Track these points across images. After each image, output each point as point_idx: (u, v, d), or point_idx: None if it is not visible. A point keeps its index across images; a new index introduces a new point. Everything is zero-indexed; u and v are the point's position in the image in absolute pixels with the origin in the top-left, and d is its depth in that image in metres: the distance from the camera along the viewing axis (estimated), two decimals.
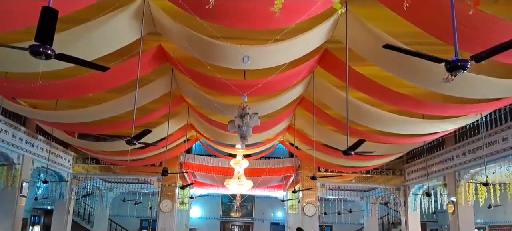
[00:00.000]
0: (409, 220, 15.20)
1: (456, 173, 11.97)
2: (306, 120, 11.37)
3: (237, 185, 14.97)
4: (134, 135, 6.39)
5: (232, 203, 23.12)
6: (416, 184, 14.70)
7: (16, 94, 8.73)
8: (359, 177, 15.75)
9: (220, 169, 16.42)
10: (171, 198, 15.37)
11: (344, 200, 19.99)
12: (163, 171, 10.10)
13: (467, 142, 11.48)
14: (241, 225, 24.40)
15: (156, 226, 15.74)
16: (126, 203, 19.73)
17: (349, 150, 5.88)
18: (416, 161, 14.69)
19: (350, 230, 22.72)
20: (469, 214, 11.82)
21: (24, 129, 11.73)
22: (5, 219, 11.46)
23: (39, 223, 20.78)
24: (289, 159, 17.08)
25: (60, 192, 14.73)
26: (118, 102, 9.04)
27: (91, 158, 15.20)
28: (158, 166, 15.12)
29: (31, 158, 12.18)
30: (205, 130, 12.87)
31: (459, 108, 8.27)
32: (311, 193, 15.53)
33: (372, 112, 8.65)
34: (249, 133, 9.19)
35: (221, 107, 8.88)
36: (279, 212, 23.77)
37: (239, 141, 11.69)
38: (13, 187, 11.39)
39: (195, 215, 23.02)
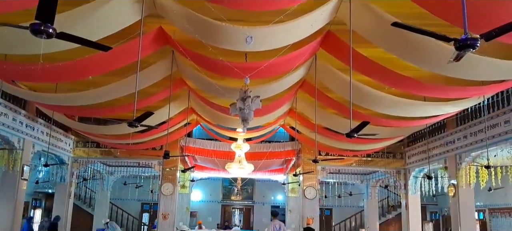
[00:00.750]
0: (409, 203, 15.28)
1: (457, 156, 11.97)
2: (308, 103, 11.32)
3: (238, 169, 15.01)
4: (136, 117, 6.33)
5: (233, 186, 23.24)
6: (417, 167, 14.74)
7: (15, 77, 8.65)
8: (359, 160, 15.78)
9: (221, 152, 16.44)
10: (172, 182, 15.40)
11: (344, 184, 20.10)
12: (165, 154, 10.07)
13: (469, 125, 11.45)
14: (241, 208, 24.57)
15: (157, 209, 15.81)
16: (127, 186, 19.81)
17: (352, 132, 5.84)
18: (417, 144, 14.70)
19: (350, 213, 22.91)
20: (469, 197, 11.87)
21: (24, 112, 11.67)
22: (6, 202, 11.49)
23: (40, 206, 20.89)
24: (290, 143, 17.08)
25: (61, 176, 14.75)
26: (118, 85, 8.98)
27: (91, 141, 15.20)
28: (158, 150, 15.11)
29: (32, 141, 12.15)
30: (206, 113, 12.82)
31: (462, 90, 8.23)
32: (312, 177, 15.57)
33: (374, 95, 8.60)
34: (251, 116, 9.15)
35: (223, 90, 8.81)
36: (279, 196, 23.92)
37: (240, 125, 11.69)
38: (14, 171, 11.38)
39: (196, 199, 23.18)
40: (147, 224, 22.87)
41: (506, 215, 15.61)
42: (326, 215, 23.06)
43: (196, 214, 22.41)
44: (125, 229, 21.72)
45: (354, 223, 22.95)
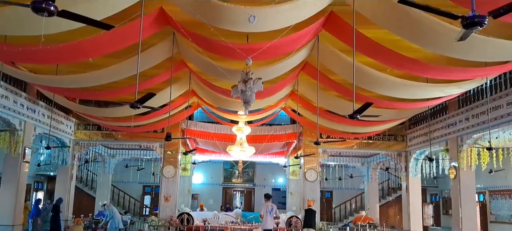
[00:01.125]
0: (410, 185, 15.35)
1: (459, 138, 11.97)
2: (309, 86, 11.27)
3: (239, 151, 15.03)
4: (137, 99, 6.30)
5: (234, 169, 23.33)
6: (418, 150, 14.76)
7: (15, 59, 8.60)
8: (360, 143, 15.79)
9: (222, 135, 16.45)
10: (173, 164, 15.45)
11: (345, 166, 20.17)
12: (167, 136, 10.06)
13: (471, 107, 11.42)
14: (242, 190, 24.70)
15: (158, 192, 15.89)
16: (128, 169, 19.88)
17: (355, 114, 5.80)
18: (418, 126, 14.69)
19: (350, 196, 23.04)
20: (470, 179, 11.90)
21: (25, 94, 11.64)
22: (9, 184, 11.55)
23: (42, 189, 21.00)
24: (291, 126, 17.08)
25: (63, 158, 14.78)
26: (118, 67, 8.94)
27: (92, 124, 15.19)
28: (160, 132, 15.15)
29: (33, 124, 12.15)
30: (207, 95, 12.78)
31: (466, 72, 8.19)
32: (313, 159, 15.61)
33: (377, 77, 8.55)
34: (253, 98, 9.12)
35: (224, 72, 8.75)
36: (280, 178, 24.03)
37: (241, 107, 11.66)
38: (15, 153, 11.39)
39: (197, 181, 23.29)
40: (149, 206, 23.02)
41: (506, 197, 15.69)
42: (326, 197, 23.19)
43: (197, 197, 22.53)
44: (127, 211, 21.86)
45: (354, 205, 23.09)
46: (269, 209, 11.08)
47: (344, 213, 22.99)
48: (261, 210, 11.41)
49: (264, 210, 11.11)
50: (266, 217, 11.10)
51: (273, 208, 11.16)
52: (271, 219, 11.12)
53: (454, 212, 12.25)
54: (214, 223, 15.06)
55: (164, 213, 15.03)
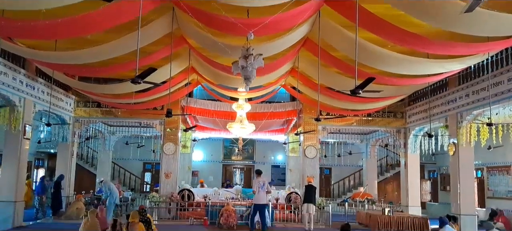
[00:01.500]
0: (409, 161, 15.45)
1: (459, 115, 12.00)
2: (310, 62, 11.21)
3: (240, 128, 15.06)
4: (138, 74, 6.27)
5: (234, 146, 23.43)
6: (417, 126, 14.81)
7: (14, 34, 8.51)
8: (360, 120, 15.83)
9: (222, 113, 16.46)
10: (173, 141, 15.50)
11: (344, 143, 20.26)
12: (167, 112, 10.06)
13: (471, 83, 11.41)
14: (242, 168, 24.87)
15: (159, 169, 15.98)
16: (129, 147, 19.94)
17: (357, 89, 5.78)
18: (418, 103, 14.71)
19: (348, 172, 23.23)
20: (469, 155, 11.98)
21: (24, 71, 11.56)
22: (10, 161, 11.58)
23: (43, 166, 21.10)
24: (291, 103, 17.08)
25: (63, 135, 14.80)
26: (118, 42, 8.88)
27: (92, 101, 15.17)
28: (160, 110, 15.15)
29: (33, 101, 12.11)
30: (207, 72, 12.71)
31: (468, 47, 8.14)
32: (313, 136, 15.66)
33: (379, 53, 8.50)
34: (253, 75, 9.07)
35: (225, 48, 8.68)
36: (279, 155, 24.18)
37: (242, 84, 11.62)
38: (16, 130, 11.39)
39: (198, 159, 23.42)
40: (149, 183, 23.20)
41: (504, 173, 15.83)
42: (325, 174, 23.40)
43: (197, 174, 22.71)
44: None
45: (353, 181, 23.30)
46: (261, 184, 11.24)
47: (343, 190, 23.22)
48: (253, 185, 11.58)
49: (256, 186, 11.30)
50: (258, 192, 11.27)
51: (265, 183, 11.35)
52: (264, 193, 11.29)
53: (453, 188, 12.37)
54: (214, 199, 15.20)
55: (164, 189, 15.15)
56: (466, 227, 11.42)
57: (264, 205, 11.40)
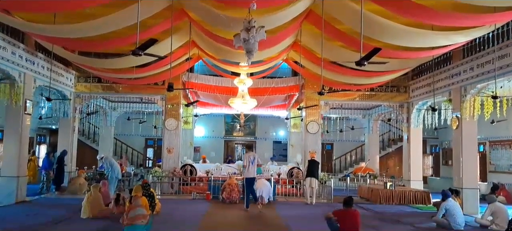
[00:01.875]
0: (411, 136, 15.40)
1: (462, 88, 11.87)
2: (313, 36, 11.04)
3: (241, 104, 14.98)
4: (139, 45, 6.15)
5: (235, 122, 23.41)
6: (420, 101, 14.70)
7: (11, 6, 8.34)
8: (362, 94, 15.70)
9: (224, 88, 16.35)
10: (175, 117, 15.46)
11: (346, 118, 20.21)
12: (169, 86, 9.95)
13: (476, 56, 11.25)
14: (244, 143, 24.88)
15: (161, 145, 15.99)
16: (131, 123, 19.91)
17: (363, 60, 5.67)
18: (421, 77, 14.56)
19: (350, 148, 23.26)
20: (472, 129, 11.90)
21: (23, 46, 11.42)
22: (11, 137, 11.57)
23: (45, 142, 21.14)
24: (293, 78, 16.95)
25: (64, 111, 14.75)
26: (117, 16, 8.72)
27: (93, 76, 15.05)
28: (161, 85, 15.04)
29: (33, 76, 12.00)
30: (208, 46, 12.55)
31: (474, 18, 8.00)
32: (315, 112, 15.59)
33: (384, 25, 8.32)
34: (255, 48, 8.94)
35: (226, 20, 8.52)
36: (281, 131, 24.18)
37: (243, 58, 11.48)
38: (16, 105, 11.33)
39: (199, 135, 23.46)
40: (151, 159, 23.29)
41: (506, 147, 15.80)
42: (327, 149, 23.43)
43: (199, 149, 22.76)
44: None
45: (355, 157, 23.36)
46: (251, 159, 11.32)
47: (344, 165, 23.31)
48: (244, 160, 11.67)
49: (247, 160, 11.39)
50: (249, 166, 11.34)
51: (255, 158, 11.45)
52: (254, 168, 11.40)
53: (455, 161, 12.35)
54: (216, 174, 15.26)
55: (167, 164, 15.19)
56: (468, 200, 11.44)
57: (254, 179, 11.57)
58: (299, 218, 10.03)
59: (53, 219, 8.81)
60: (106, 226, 8.19)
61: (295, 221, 9.56)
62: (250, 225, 9.07)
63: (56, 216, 9.19)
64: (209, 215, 10.14)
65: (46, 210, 10.08)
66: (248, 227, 8.77)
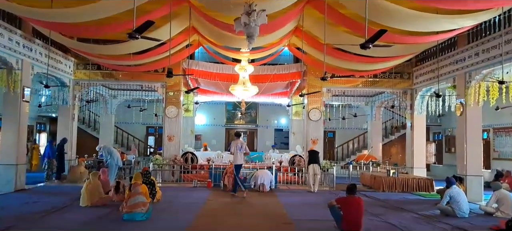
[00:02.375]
0: (415, 123, 15.22)
1: (467, 74, 11.65)
2: (315, 21, 10.83)
3: (242, 91, 14.80)
4: (136, 28, 5.96)
5: (236, 110, 23.27)
6: (424, 87, 14.49)
7: None
8: (366, 81, 15.48)
9: (225, 75, 16.14)
10: (176, 105, 15.30)
11: (348, 106, 20.03)
12: (168, 72, 9.77)
13: (482, 42, 11.01)
14: (245, 131, 24.76)
15: (162, 133, 15.85)
16: (131, 111, 19.77)
17: (367, 43, 5.48)
18: (425, 63, 14.33)
19: (352, 135, 23.10)
20: (477, 116, 11.71)
21: (20, 32, 11.21)
22: (10, 125, 11.41)
23: (45, 130, 21.03)
24: (295, 65, 16.73)
25: (63, 98, 14.58)
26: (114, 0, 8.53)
27: (92, 64, 14.86)
28: (161, 72, 14.85)
29: (30, 62, 11.81)
30: (208, 32, 12.35)
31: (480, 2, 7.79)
32: (317, 100, 15.42)
33: (389, 9, 8.12)
34: (256, 32, 8.76)
35: (227, 2, 8.32)
36: (282, 119, 24.04)
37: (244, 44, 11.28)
38: (14, 92, 11.16)
39: (200, 123, 23.34)
40: (153, 147, 23.20)
41: (511, 134, 15.63)
42: (329, 137, 23.29)
43: (200, 137, 22.65)
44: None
45: (357, 144, 23.22)
46: (239, 146, 11.46)
47: (347, 153, 23.18)
48: (232, 147, 11.71)
49: (234, 148, 11.48)
50: (236, 153, 11.45)
51: (243, 145, 11.59)
52: (241, 155, 11.51)
53: (459, 148, 12.19)
54: (218, 162, 15.15)
55: (168, 152, 15.08)
56: (472, 188, 11.29)
57: (241, 165, 11.69)
58: (301, 206, 9.91)
59: (52, 207, 8.69)
60: (106, 214, 8.07)
61: (296, 208, 9.44)
62: (250, 212, 8.95)
63: (55, 204, 9.07)
64: (209, 203, 10.02)
65: (45, 198, 9.97)
66: (248, 215, 8.65)
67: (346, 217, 6.78)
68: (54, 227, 6.83)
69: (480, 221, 8.29)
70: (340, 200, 7.04)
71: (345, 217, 6.78)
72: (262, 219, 8.13)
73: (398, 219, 8.27)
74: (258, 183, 12.39)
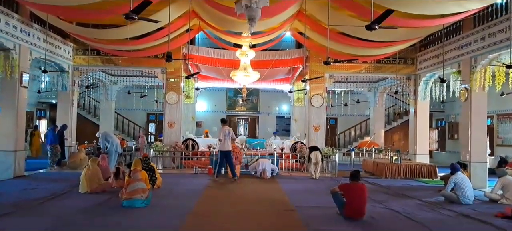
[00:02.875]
0: (418, 109, 15.03)
1: (473, 59, 11.43)
2: (319, 5, 10.60)
3: (243, 76, 14.60)
4: (132, 8, 5.77)
5: (238, 97, 23.11)
6: (428, 73, 14.27)
7: None
8: (369, 66, 15.25)
9: (226, 61, 15.91)
10: (176, 91, 15.13)
11: (350, 92, 19.84)
12: (167, 56, 9.59)
13: (488, 26, 10.77)
14: (246, 118, 24.65)
15: (162, 119, 15.71)
16: (132, 97, 19.61)
17: (373, 24, 5.28)
18: (429, 48, 14.10)
19: (354, 122, 22.94)
20: (482, 101, 11.53)
21: (18, 16, 11.00)
22: (8, 111, 11.26)
23: (45, 116, 20.92)
24: (297, 50, 16.49)
25: (62, 84, 14.41)
26: None
27: (91, 49, 14.66)
28: (161, 58, 14.65)
29: (28, 47, 11.62)
30: (209, 16, 12.13)
31: None
32: (319, 86, 15.22)
33: None
34: (258, 14, 8.57)
35: None
36: (284, 106, 23.90)
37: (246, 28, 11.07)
38: (12, 78, 11.00)
39: (201, 109, 23.20)
40: (154, 134, 23.09)
41: None
42: (331, 124, 23.15)
43: (201, 124, 22.54)
44: (132, 138, 21.98)
45: (359, 131, 23.08)
46: (226, 133, 11.52)
47: (349, 139, 23.05)
48: (219, 134, 11.77)
49: (222, 134, 11.53)
50: (224, 140, 11.49)
51: (230, 132, 11.68)
52: (229, 141, 11.58)
53: (463, 135, 12.03)
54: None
55: (168, 139, 14.95)
56: (476, 174, 11.15)
57: (229, 152, 11.69)
58: (303, 192, 9.78)
59: (51, 193, 8.58)
60: (105, 201, 7.95)
61: (298, 195, 9.32)
62: (251, 199, 8.83)
63: (54, 190, 8.95)
64: (210, 190, 9.91)
65: (44, 185, 9.86)
66: (249, 202, 8.53)
67: (350, 204, 6.65)
68: (52, 214, 6.71)
69: (485, 208, 8.15)
70: (344, 186, 6.91)
71: (349, 203, 6.66)
72: (263, 206, 8.00)
73: (401, 205, 8.14)
74: (260, 170, 12.28)
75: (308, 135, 15.24)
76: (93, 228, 6.01)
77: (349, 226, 6.33)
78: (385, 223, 6.68)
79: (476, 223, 6.83)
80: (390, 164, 13.27)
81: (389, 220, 6.90)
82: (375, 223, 6.58)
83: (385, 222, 6.71)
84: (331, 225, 6.41)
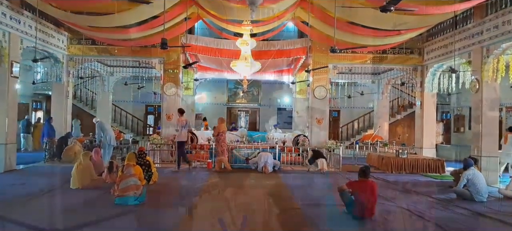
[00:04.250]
0: (425, 101, 14.52)
1: (484, 49, 10.89)
2: None
3: (244, 66, 14.07)
4: None
5: (238, 89, 22.59)
6: (436, 63, 13.72)
7: None
8: (374, 57, 14.72)
9: (226, 51, 15.35)
10: (174, 82, 14.61)
11: (354, 84, 19.32)
12: (162, 44, 9.06)
13: (502, 13, 10.21)
14: (247, 110, 24.16)
15: (160, 111, 15.23)
16: (130, 88, 19.09)
17: (389, 5, 4.77)
18: (437, 38, 13.55)
19: (357, 115, 22.44)
20: (494, 93, 10.99)
21: (7, 3, 10.46)
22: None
23: (41, 108, 20.44)
24: (299, 40, 15.92)
25: (57, 75, 13.90)
26: None
27: (86, 38, 14.11)
28: (158, 47, 14.10)
29: (19, 36, 11.08)
30: (208, 3, 11.58)
31: None
32: (322, 78, 14.71)
33: None
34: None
35: None
36: (286, 98, 23.37)
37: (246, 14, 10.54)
38: (2, 67, 10.48)
39: (201, 101, 22.72)
40: (152, 126, 22.63)
41: None
42: (333, 116, 22.64)
43: (201, 116, 22.04)
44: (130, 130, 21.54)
45: (362, 124, 22.57)
46: (184, 124, 11.60)
47: (352, 132, 22.55)
48: (177, 125, 11.76)
49: (179, 125, 11.57)
50: (181, 131, 11.54)
51: (187, 122, 11.85)
52: (185, 132, 11.72)
53: (474, 128, 11.51)
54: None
55: (167, 131, 14.46)
56: (488, 169, 10.62)
57: (185, 142, 11.91)
58: (306, 188, 9.33)
59: (40, 189, 8.11)
60: (96, 198, 7.48)
61: (302, 190, 8.86)
62: (253, 195, 8.35)
63: (44, 186, 8.47)
64: (208, 185, 9.39)
65: (35, 180, 9.40)
66: (251, 198, 8.05)
67: (358, 203, 6.16)
68: (37, 212, 6.24)
69: (500, 206, 7.68)
70: (352, 184, 6.43)
71: (358, 202, 6.17)
72: (266, 204, 7.52)
73: (412, 203, 7.66)
74: (261, 164, 11.81)
75: (311, 128, 14.75)
76: (80, 229, 5.52)
77: (358, 226, 5.86)
78: (396, 223, 6.22)
79: (495, 223, 6.35)
80: (396, 158, 12.79)
81: (400, 219, 6.44)
82: (385, 222, 6.11)
83: (396, 222, 6.24)
84: (339, 225, 5.94)
